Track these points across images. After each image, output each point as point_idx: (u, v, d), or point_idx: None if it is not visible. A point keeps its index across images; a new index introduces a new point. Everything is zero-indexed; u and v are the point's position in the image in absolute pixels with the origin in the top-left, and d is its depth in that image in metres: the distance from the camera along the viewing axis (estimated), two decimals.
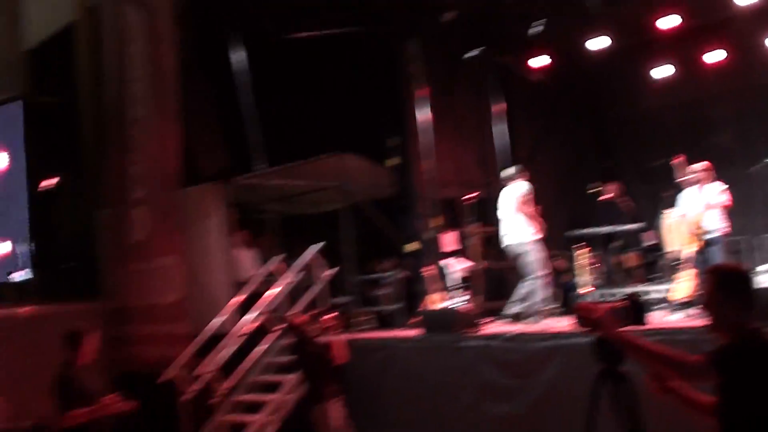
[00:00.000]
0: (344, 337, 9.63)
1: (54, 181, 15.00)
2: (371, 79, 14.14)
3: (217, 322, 11.42)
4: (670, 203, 10.79)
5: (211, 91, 13.90)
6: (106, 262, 13.68)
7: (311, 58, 13.74)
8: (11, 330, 12.90)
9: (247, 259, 12.88)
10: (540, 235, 10.49)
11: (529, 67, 14.97)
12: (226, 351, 10.95)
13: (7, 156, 14.88)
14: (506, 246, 10.67)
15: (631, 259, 12.43)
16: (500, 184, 11.03)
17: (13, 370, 12.48)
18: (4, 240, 15.08)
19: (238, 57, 13.79)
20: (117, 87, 13.43)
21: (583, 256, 11.43)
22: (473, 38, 14.33)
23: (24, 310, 13.43)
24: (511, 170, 11.15)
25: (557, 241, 10.94)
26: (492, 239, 11.19)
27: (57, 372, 6.78)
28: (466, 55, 14.33)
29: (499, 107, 15.36)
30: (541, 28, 13.48)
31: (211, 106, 13.94)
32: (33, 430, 11.54)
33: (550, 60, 14.88)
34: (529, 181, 10.79)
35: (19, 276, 14.47)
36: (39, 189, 14.53)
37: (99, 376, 7.17)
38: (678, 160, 10.48)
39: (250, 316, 11.33)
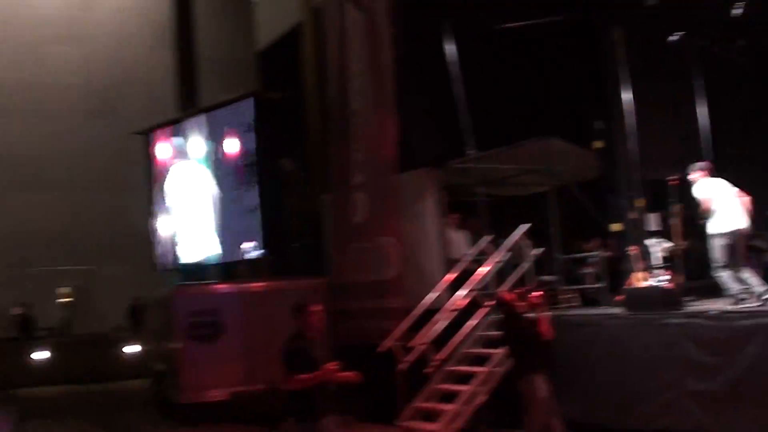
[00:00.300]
0: (550, 313, 9.72)
1: (282, 168, 16.08)
2: (576, 64, 14.17)
3: (431, 297, 11.93)
4: None
5: (424, 82, 14.24)
6: (330, 242, 14.57)
7: (518, 46, 13.99)
8: (246, 302, 14.01)
9: (458, 240, 13.30)
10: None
11: (730, 49, 14.80)
12: (439, 324, 11.39)
13: (239, 143, 16.15)
14: (721, 232, 10.35)
15: None
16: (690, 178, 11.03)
17: (247, 338, 13.66)
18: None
19: (451, 48, 14.11)
20: (339, 82, 14.23)
21: None
22: (675, 21, 14.31)
23: (257, 285, 14.49)
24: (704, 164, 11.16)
25: (759, 221, 10.91)
26: (693, 220, 11.24)
27: (285, 340, 7.19)
28: (669, 39, 14.35)
29: (701, 90, 15.28)
30: (742, 9, 13.38)
31: (425, 96, 14.32)
32: (265, 393, 12.74)
33: (752, 41, 14.65)
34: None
35: (250, 248, 15.70)
36: (269, 175, 15.66)
37: (323, 346, 7.79)
38: None
39: (461, 293, 11.73)
